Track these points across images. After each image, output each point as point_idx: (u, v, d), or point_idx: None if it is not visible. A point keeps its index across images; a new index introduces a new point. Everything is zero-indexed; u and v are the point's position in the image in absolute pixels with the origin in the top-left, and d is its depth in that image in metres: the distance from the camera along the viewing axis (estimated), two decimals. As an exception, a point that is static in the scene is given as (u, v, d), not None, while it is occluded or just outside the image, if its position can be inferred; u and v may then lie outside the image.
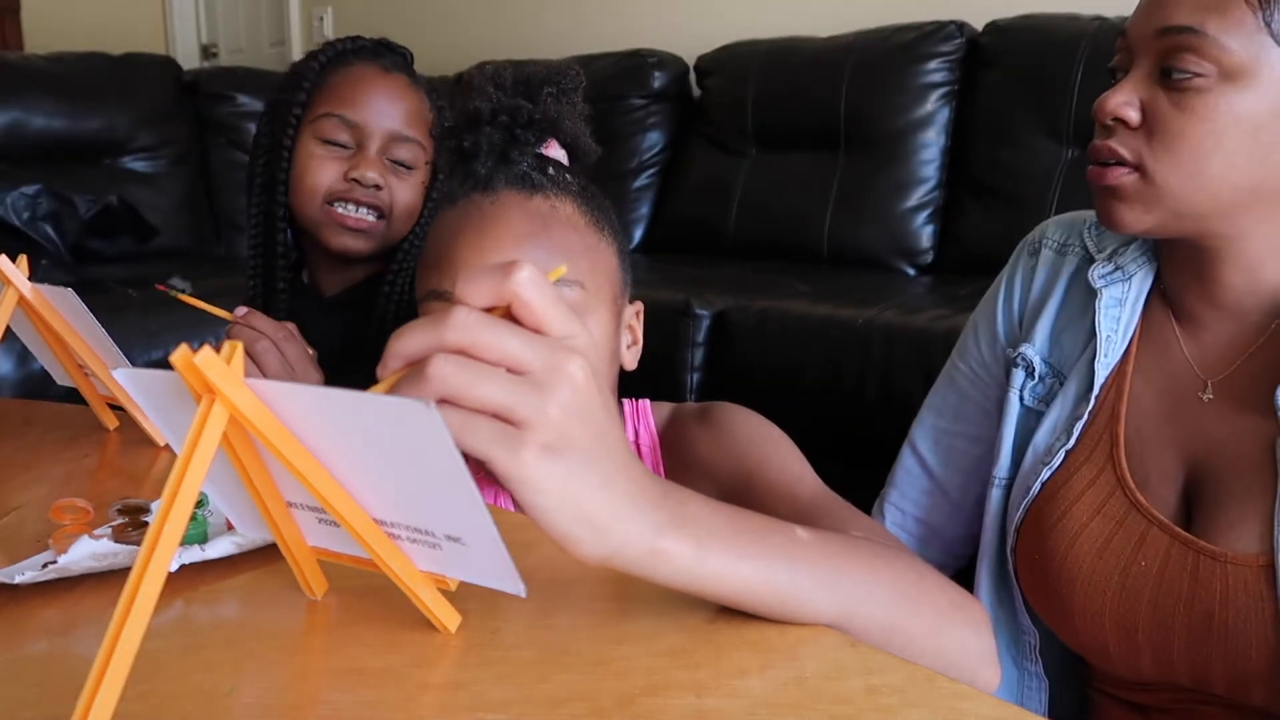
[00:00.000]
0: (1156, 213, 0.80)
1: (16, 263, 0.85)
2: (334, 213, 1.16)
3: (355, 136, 1.17)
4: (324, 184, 1.16)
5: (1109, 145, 0.80)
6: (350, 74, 1.20)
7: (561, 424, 0.43)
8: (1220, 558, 0.78)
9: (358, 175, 1.16)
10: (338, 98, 1.18)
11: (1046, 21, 2.15)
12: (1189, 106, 0.76)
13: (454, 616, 0.50)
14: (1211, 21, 0.75)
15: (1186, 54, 0.76)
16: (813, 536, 0.53)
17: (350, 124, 1.17)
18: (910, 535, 1.05)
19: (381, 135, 1.18)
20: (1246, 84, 0.75)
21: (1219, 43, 0.75)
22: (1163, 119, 0.78)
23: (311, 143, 1.18)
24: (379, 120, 1.18)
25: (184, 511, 0.40)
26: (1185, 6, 0.76)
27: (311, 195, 1.17)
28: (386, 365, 0.43)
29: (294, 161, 1.18)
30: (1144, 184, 0.79)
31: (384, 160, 1.18)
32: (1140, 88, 0.79)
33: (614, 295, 0.82)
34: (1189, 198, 0.78)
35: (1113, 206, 0.81)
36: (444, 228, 0.82)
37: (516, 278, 0.43)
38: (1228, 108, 0.76)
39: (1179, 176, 0.78)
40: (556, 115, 0.80)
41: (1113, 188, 0.80)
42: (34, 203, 2.44)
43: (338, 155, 1.17)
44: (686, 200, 2.57)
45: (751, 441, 0.84)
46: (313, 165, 1.17)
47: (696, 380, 1.87)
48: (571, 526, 0.44)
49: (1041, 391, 0.93)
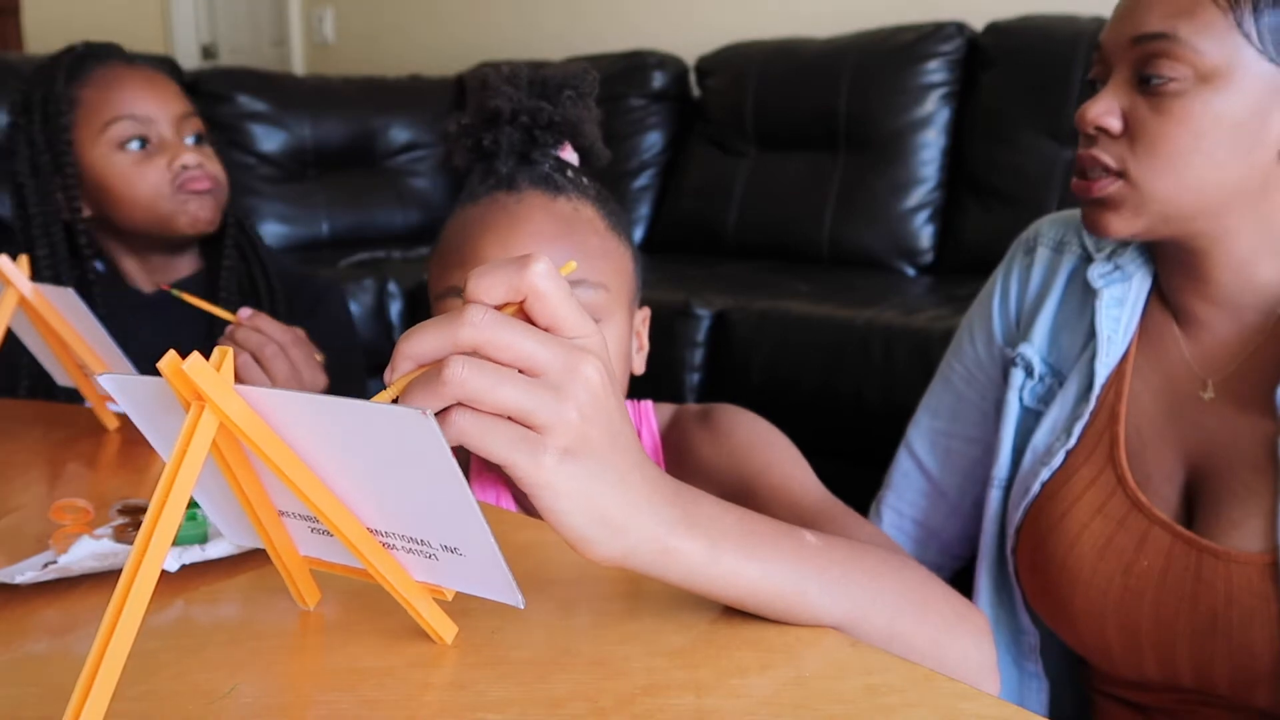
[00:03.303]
0: (1144, 217, 0.81)
1: (17, 263, 0.85)
2: (182, 192, 1.18)
3: (151, 131, 1.19)
4: (158, 183, 1.18)
5: (1092, 154, 0.81)
6: (104, 78, 1.21)
7: (580, 427, 0.43)
8: (1224, 556, 0.78)
9: (182, 162, 1.18)
10: (111, 102, 1.19)
11: (1046, 22, 2.15)
12: (1167, 110, 0.77)
13: (450, 628, 0.49)
14: (1183, 26, 0.76)
15: (1161, 59, 0.77)
16: (820, 541, 0.53)
17: (141, 119, 1.19)
18: (908, 537, 1.05)
19: (171, 120, 1.20)
20: (1223, 85, 0.76)
21: (1192, 45, 0.76)
22: (1143, 124, 0.79)
23: (112, 154, 1.18)
24: (162, 107, 1.21)
25: (172, 521, 0.40)
26: (1156, 13, 0.77)
27: (152, 199, 1.18)
28: (396, 368, 0.43)
29: (101, 179, 1.19)
30: (1130, 190, 0.80)
31: (183, 142, 1.21)
32: (1119, 96, 0.80)
33: (630, 299, 0.82)
34: (1175, 200, 0.79)
35: (1100, 215, 0.82)
36: (466, 224, 0.80)
37: (532, 270, 0.43)
38: (1205, 109, 0.76)
39: (1164, 180, 0.79)
40: (576, 119, 0.80)
41: (1100, 196, 0.81)
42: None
43: (146, 154, 1.19)
44: (686, 200, 2.57)
45: (754, 445, 0.84)
46: (135, 175, 1.18)
47: (696, 380, 1.87)
48: (588, 528, 0.44)
49: (1040, 391, 0.93)
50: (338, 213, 2.70)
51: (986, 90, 2.21)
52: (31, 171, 1.20)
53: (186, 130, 1.22)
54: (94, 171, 1.19)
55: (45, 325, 0.87)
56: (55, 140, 1.18)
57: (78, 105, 1.20)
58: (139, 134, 1.19)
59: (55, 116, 1.18)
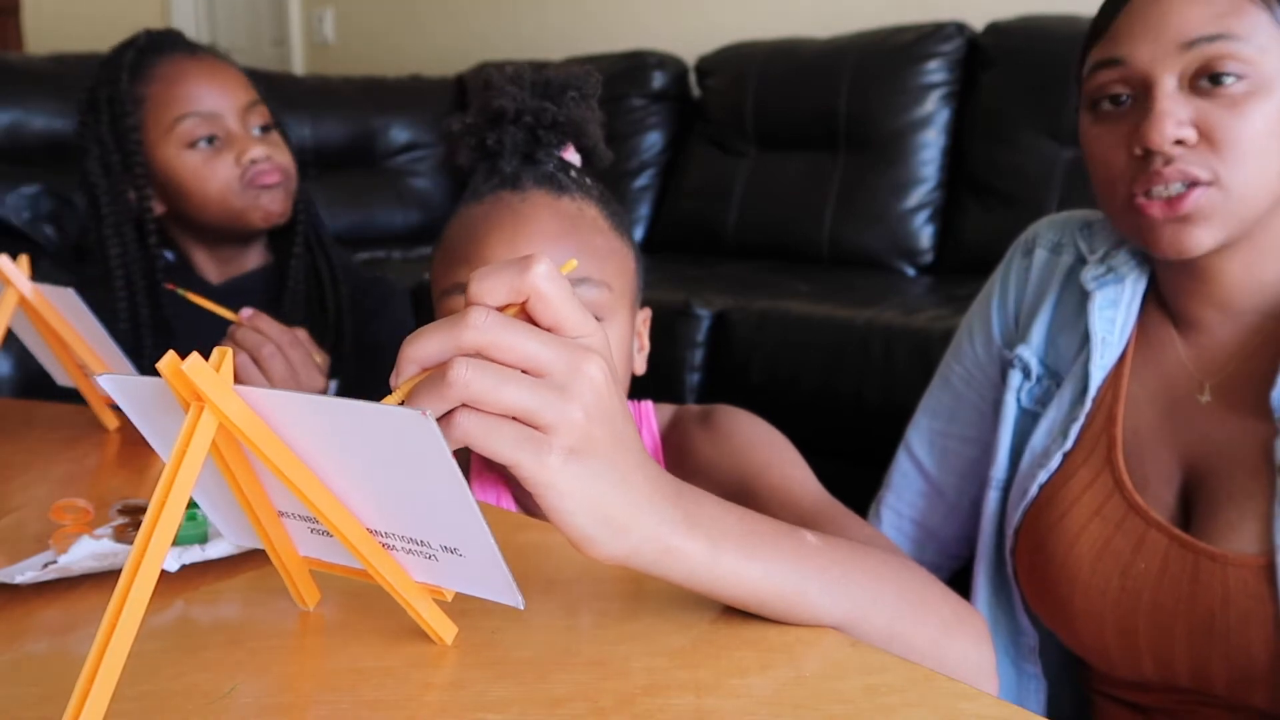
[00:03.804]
0: (1230, 225, 0.78)
1: (17, 263, 0.85)
2: (253, 187, 1.18)
3: (217, 126, 1.18)
4: (228, 179, 1.18)
5: (1180, 170, 0.77)
6: (167, 73, 1.20)
7: (584, 426, 0.43)
8: (1220, 559, 0.78)
9: (251, 156, 1.18)
10: (176, 99, 1.18)
11: (1046, 22, 2.15)
12: (1242, 109, 0.76)
13: (450, 628, 0.49)
14: (1235, 24, 0.75)
15: (1226, 59, 0.75)
16: (821, 541, 0.53)
17: (207, 115, 1.18)
18: (906, 537, 1.05)
19: (237, 112, 1.19)
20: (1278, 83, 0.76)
21: (1253, 43, 0.75)
22: (1222, 127, 0.76)
23: (181, 153, 1.18)
24: (227, 100, 1.19)
25: (171, 522, 0.40)
26: (1201, 18, 0.76)
27: (223, 195, 1.18)
28: (401, 371, 0.43)
29: (171, 177, 1.18)
30: (1222, 197, 0.77)
31: (251, 134, 1.20)
32: (1181, 106, 0.77)
33: (632, 299, 0.83)
34: (1258, 201, 0.78)
35: (1186, 232, 0.78)
36: (470, 223, 0.80)
37: (534, 271, 0.43)
38: (1273, 106, 0.76)
39: (1255, 181, 0.77)
40: (579, 120, 0.80)
41: (1189, 214, 0.77)
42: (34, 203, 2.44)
43: (214, 150, 1.18)
44: (686, 200, 2.57)
45: (753, 446, 0.84)
46: (205, 172, 1.18)
47: (696, 380, 1.87)
48: (591, 527, 0.45)
49: (1038, 393, 0.93)
50: (338, 213, 2.69)
51: (986, 90, 2.21)
52: (103, 171, 1.19)
53: (253, 120, 1.21)
54: (164, 169, 1.19)
55: (45, 325, 0.87)
56: (124, 140, 1.18)
57: (144, 103, 1.19)
58: (206, 130, 1.18)
59: (122, 116, 1.17)
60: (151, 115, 1.18)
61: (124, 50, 1.21)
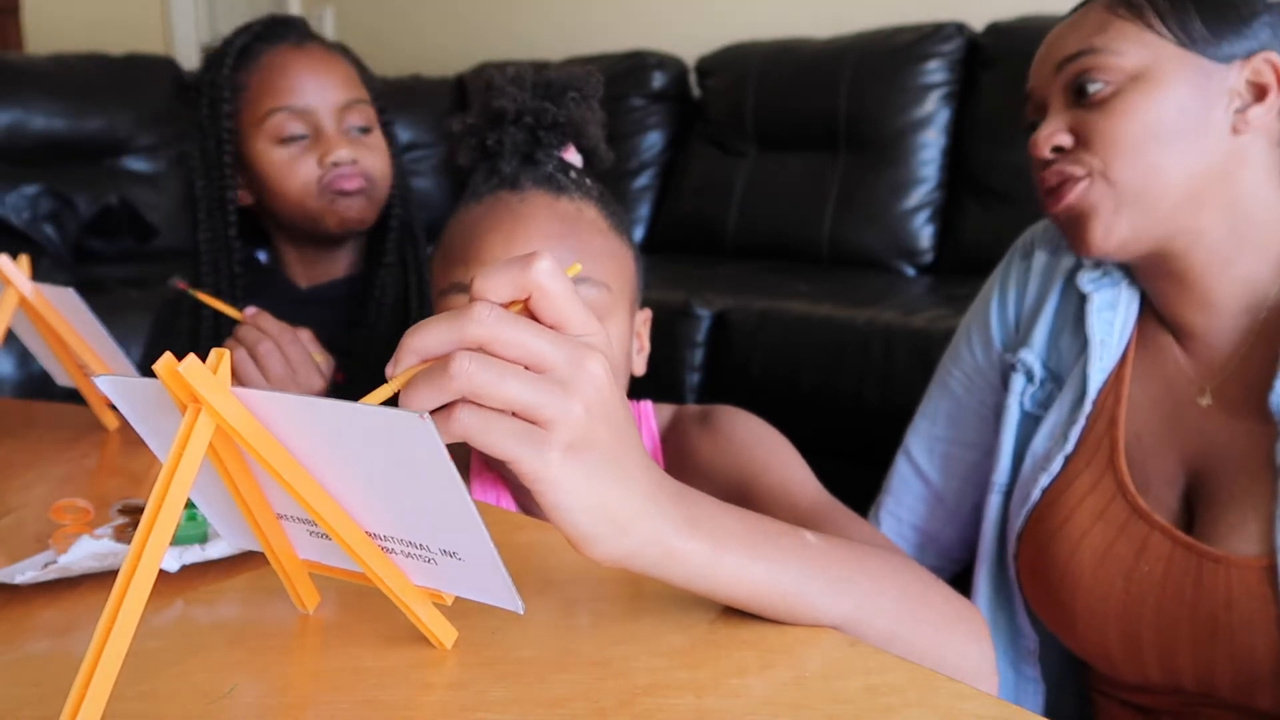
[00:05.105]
0: (1126, 214, 0.81)
1: (17, 263, 0.85)
2: (329, 191, 1.14)
3: (309, 123, 1.15)
4: (307, 180, 1.14)
5: (1056, 170, 0.83)
6: (270, 63, 1.16)
7: (586, 423, 0.43)
8: (1223, 561, 0.78)
9: (334, 158, 1.13)
10: (272, 91, 1.15)
11: (1046, 22, 2.13)
12: (1110, 110, 0.81)
13: (450, 632, 0.49)
14: (1098, 39, 0.82)
15: (1090, 70, 0.82)
16: (821, 542, 0.53)
17: (299, 111, 1.14)
18: (906, 542, 1.05)
19: (332, 110, 1.15)
20: (1154, 80, 0.80)
21: (1113, 50, 0.81)
22: (1094, 128, 0.81)
23: (270, 147, 1.15)
24: (323, 96, 1.15)
25: (167, 526, 0.39)
26: (1072, 39, 0.84)
27: (301, 196, 1.15)
28: (400, 361, 0.43)
29: (258, 169, 1.15)
30: (1104, 185, 0.81)
31: (345, 134, 1.16)
32: (1060, 117, 0.84)
33: (631, 300, 0.83)
34: (1161, 190, 0.80)
35: (1082, 225, 0.83)
36: (469, 222, 0.80)
37: (538, 268, 0.43)
38: (1145, 102, 0.80)
39: (1131, 166, 0.80)
40: (580, 120, 0.80)
41: (1077, 205, 0.82)
42: (34, 203, 2.44)
43: (302, 147, 1.14)
44: (686, 200, 2.57)
45: (753, 446, 0.84)
46: (287, 170, 1.14)
47: (696, 380, 1.87)
48: (592, 526, 0.44)
49: (1041, 396, 0.93)
50: (338, 212, 2.69)
51: (986, 90, 2.21)
52: (201, 156, 1.17)
53: (351, 120, 1.17)
54: (253, 162, 1.15)
55: (45, 325, 0.87)
56: (218, 126, 1.15)
57: (242, 92, 1.15)
58: (297, 127, 1.14)
59: (219, 103, 1.14)
60: (247, 105, 1.15)
61: (238, 35, 1.18)
